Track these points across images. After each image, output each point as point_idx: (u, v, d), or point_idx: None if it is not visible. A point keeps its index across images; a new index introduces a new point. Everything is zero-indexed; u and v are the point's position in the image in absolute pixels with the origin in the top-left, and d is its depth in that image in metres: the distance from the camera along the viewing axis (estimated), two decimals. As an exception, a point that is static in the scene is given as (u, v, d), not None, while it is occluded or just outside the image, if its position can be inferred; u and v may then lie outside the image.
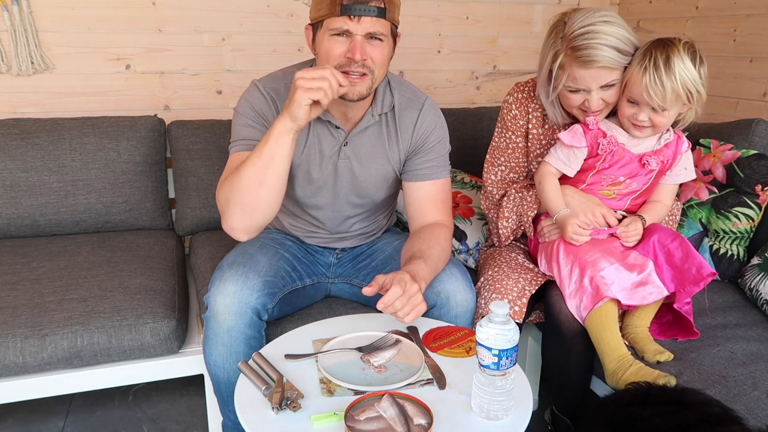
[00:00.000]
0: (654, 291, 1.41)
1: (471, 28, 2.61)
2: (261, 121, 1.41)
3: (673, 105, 1.42)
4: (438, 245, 1.42)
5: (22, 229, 1.99)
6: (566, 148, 1.53)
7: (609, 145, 1.48)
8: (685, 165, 1.56)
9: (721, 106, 2.24)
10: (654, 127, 1.46)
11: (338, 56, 1.30)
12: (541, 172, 1.57)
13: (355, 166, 1.49)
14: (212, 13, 2.25)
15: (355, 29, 1.28)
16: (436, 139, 1.52)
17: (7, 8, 2.00)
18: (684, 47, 1.39)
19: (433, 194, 1.52)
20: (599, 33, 1.40)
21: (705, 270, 1.40)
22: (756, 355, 1.38)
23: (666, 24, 2.47)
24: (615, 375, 1.35)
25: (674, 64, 1.37)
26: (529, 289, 1.52)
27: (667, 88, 1.37)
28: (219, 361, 1.37)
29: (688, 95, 1.40)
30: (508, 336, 1.02)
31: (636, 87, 1.41)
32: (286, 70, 1.49)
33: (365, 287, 1.25)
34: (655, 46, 1.40)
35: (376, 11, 1.28)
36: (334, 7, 1.27)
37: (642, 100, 1.42)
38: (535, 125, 1.67)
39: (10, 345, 1.46)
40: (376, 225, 1.68)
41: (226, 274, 1.37)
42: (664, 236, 1.47)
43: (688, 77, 1.38)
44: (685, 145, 1.54)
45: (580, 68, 1.43)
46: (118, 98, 2.22)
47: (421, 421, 1.00)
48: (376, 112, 1.46)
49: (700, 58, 1.40)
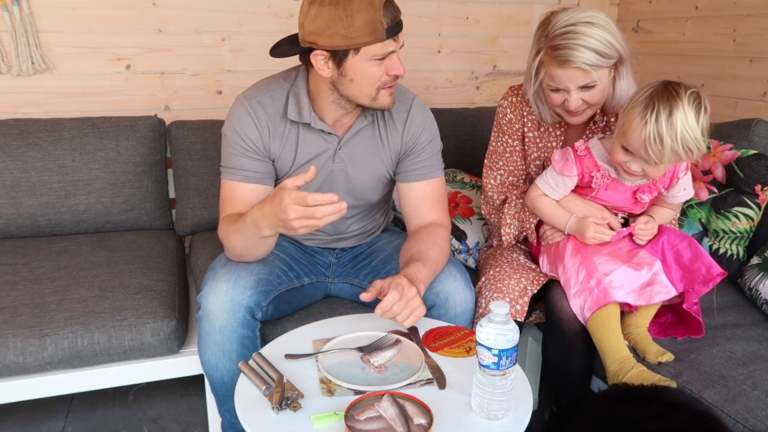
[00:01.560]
0: (662, 291, 1.40)
1: (471, 28, 2.61)
2: (246, 147, 1.40)
3: (670, 161, 1.36)
4: (436, 246, 1.42)
5: (22, 229, 1.99)
6: (556, 175, 1.52)
7: (603, 179, 1.47)
8: (684, 186, 1.51)
9: (721, 106, 2.24)
10: (646, 176, 1.41)
11: (381, 76, 1.32)
12: (531, 197, 1.56)
13: (349, 169, 1.49)
14: (212, 13, 2.25)
15: (395, 47, 1.31)
16: (427, 139, 1.51)
17: (8, 8, 2.00)
18: (689, 99, 1.29)
19: (428, 194, 1.52)
20: (579, 34, 1.38)
21: (714, 270, 1.40)
22: (756, 355, 1.38)
23: (666, 24, 2.47)
24: (617, 376, 1.35)
25: (677, 121, 1.28)
26: (530, 288, 1.52)
27: (666, 146, 1.29)
28: (212, 360, 1.37)
29: (687, 153, 1.32)
30: (508, 336, 1.02)
31: (634, 139, 1.33)
32: (271, 79, 1.46)
33: (363, 293, 1.24)
34: (659, 96, 1.30)
35: (402, 26, 1.32)
36: (378, 33, 1.26)
37: (638, 153, 1.35)
38: (530, 128, 1.66)
39: (11, 345, 1.46)
40: (373, 224, 1.68)
41: (219, 273, 1.37)
42: (673, 236, 1.47)
43: (690, 135, 1.29)
44: (684, 169, 1.48)
45: (557, 68, 1.42)
46: (118, 98, 2.22)
47: (421, 421, 1.01)
48: (368, 114, 1.46)
49: (704, 108, 1.32)
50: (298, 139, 1.44)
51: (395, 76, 1.33)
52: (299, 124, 1.43)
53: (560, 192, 1.53)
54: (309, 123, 1.41)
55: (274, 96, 1.42)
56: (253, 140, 1.40)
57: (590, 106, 1.49)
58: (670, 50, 2.43)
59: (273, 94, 1.42)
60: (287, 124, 1.42)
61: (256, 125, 1.40)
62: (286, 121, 1.42)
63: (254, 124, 1.40)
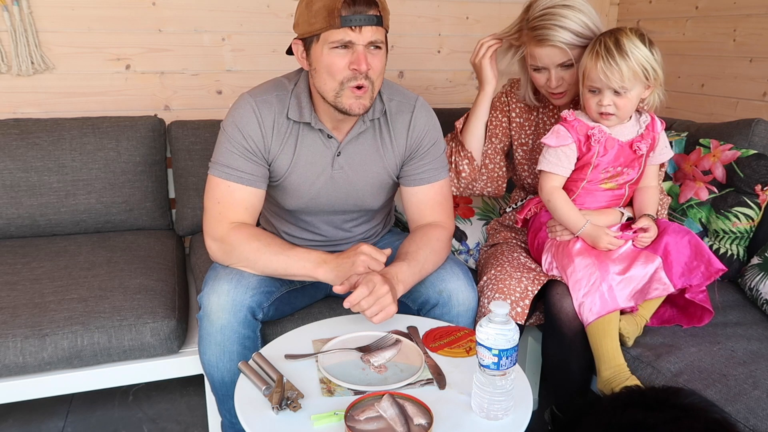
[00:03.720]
0: (660, 287, 1.44)
1: (471, 28, 2.61)
2: (246, 146, 1.38)
3: (633, 84, 1.43)
4: (428, 247, 1.42)
5: (22, 229, 1.99)
6: (555, 150, 1.53)
7: (600, 134, 1.49)
8: (665, 143, 1.59)
9: (721, 106, 2.24)
10: (619, 110, 1.46)
11: (342, 69, 1.29)
12: (547, 189, 1.55)
13: (350, 176, 1.47)
14: (212, 13, 2.25)
15: (357, 39, 1.27)
16: (431, 141, 1.50)
17: (7, 8, 2.00)
18: (632, 31, 1.42)
19: (431, 197, 1.52)
20: (555, 15, 1.49)
21: (714, 266, 1.44)
22: (756, 354, 1.38)
23: (666, 24, 2.47)
24: (609, 383, 1.37)
25: (625, 44, 1.40)
26: (531, 289, 1.52)
27: (623, 66, 1.39)
28: (213, 360, 1.37)
29: (645, 72, 1.41)
30: (508, 336, 1.02)
31: (593, 73, 1.43)
32: (276, 80, 1.46)
33: (336, 285, 1.28)
34: (603, 34, 1.45)
35: (375, 20, 1.27)
36: (332, 19, 1.25)
37: (602, 85, 1.43)
38: (518, 114, 1.75)
39: (10, 345, 1.46)
40: (375, 228, 1.67)
41: (220, 273, 1.37)
42: (675, 235, 1.49)
43: (641, 55, 1.40)
44: (660, 124, 1.56)
45: (536, 47, 1.53)
46: (118, 98, 2.22)
47: (421, 421, 1.00)
48: (368, 118, 1.43)
49: (649, 40, 1.43)
50: (297, 140, 1.43)
51: (355, 71, 1.29)
52: (300, 125, 1.42)
53: (565, 166, 1.53)
54: (309, 122, 1.40)
55: (279, 96, 1.41)
56: (255, 140, 1.39)
57: (570, 85, 1.56)
58: (670, 50, 2.43)
59: (278, 94, 1.41)
60: (289, 124, 1.41)
61: (260, 125, 1.39)
62: (288, 122, 1.41)
63: (258, 124, 1.39)
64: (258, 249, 1.35)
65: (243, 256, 1.37)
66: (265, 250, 1.35)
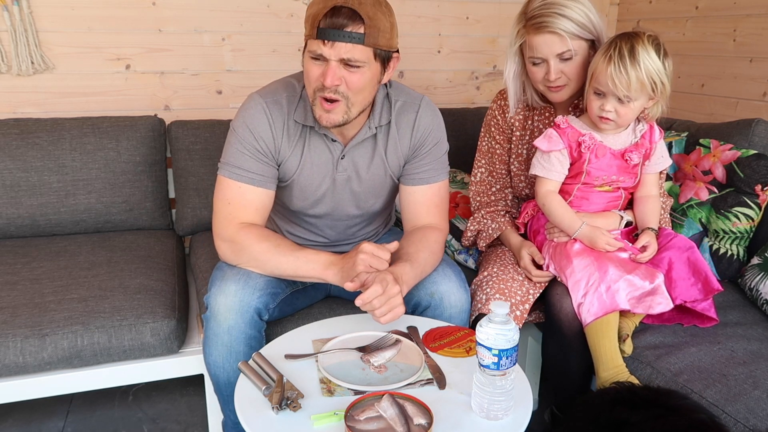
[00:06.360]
0: (662, 302, 1.43)
1: (471, 28, 2.61)
2: (257, 147, 1.38)
3: (639, 95, 1.42)
4: (427, 249, 1.42)
5: (22, 229, 1.99)
6: (547, 155, 1.53)
7: (591, 141, 1.49)
8: (662, 153, 1.58)
9: (721, 106, 2.24)
10: (619, 118, 1.46)
11: (315, 79, 1.28)
12: (541, 194, 1.56)
13: (353, 179, 1.48)
14: (212, 13, 2.25)
15: (328, 54, 1.24)
16: (434, 140, 1.49)
17: (7, 8, 2.00)
18: (648, 39, 1.41)
19: (429, 198, 1.51)
20: (555, 4, 1.47)
21: (711, 285, 1.45)
22: (756, 354, 1.38)
23: (666, 24, 2.47)
24: (607, 383, 1.37)
25: (639, 54, 1.38)
26: (533, 292, 1.52)
27: (632, 77, 1.38)
28: (219, 361, 1.37)
29: (653, 85, 1.41)
30: (508, 336, 1.02)
31: (601, 76, 1.42)
32: (285, 80, 1.45)
33: (347, 282, 1.26)
34: (620, 37, 1.42)
35: (351, 38, 1.22)
36: (313, 29, 1.25)
37: (608, 90, 1.42)
38: (518, 127, 1.72)
39: (10, 345, 1.46)
40: (377, 228, 1.68)
41: (227, 274, 1.37)
42: (677, 250, 1.49)
43: (653, 67, 1.39)
44: (658, 133, 1.56)
45: (535, 35, 1.50)
46: (118, 98, 2.22)
47: (421, 421, 1.00)
48: (373, 125, 1.43)
49: (664, 51, 1.42)
50: (305, 143, 1.42)
51: (322, 85, 1.27)
52: (307, 128, 1.41)
53: (558, 171, 1.53)
54: (314, 126, 1.40)
55: (288, 97, 1.40)
56: (266, 141, 1.38)
57: (569, 80, 1.53)
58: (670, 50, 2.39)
59: (288, 96, 1.40)
60: (298, 126, 1.41)
61: (271, 126, 1.38)
62: (297, 124, 1.41)
63: (269, 125, 1.38)
64: (268, 249, 1.35)
65: (253, 256, 1.36)
66: (274, 251, 1.35)
